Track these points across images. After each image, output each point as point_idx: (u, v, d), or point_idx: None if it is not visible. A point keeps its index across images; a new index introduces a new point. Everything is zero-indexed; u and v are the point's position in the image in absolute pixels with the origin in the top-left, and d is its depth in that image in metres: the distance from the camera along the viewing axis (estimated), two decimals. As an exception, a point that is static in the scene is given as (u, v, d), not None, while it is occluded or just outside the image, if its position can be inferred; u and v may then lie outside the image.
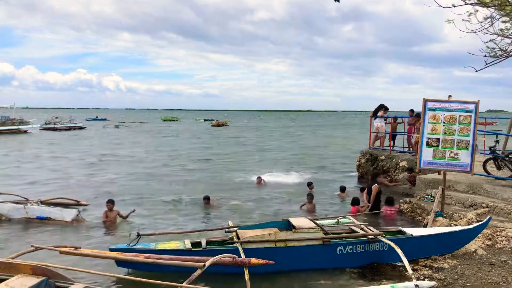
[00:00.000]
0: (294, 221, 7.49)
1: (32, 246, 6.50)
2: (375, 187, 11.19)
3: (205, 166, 21.64)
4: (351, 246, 7.15)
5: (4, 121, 49.16)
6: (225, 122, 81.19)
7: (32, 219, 10.43)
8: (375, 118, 16.35)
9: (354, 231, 7.64)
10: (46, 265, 5.30)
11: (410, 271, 5.94)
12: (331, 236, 7.22)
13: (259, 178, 16.08)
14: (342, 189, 14.11)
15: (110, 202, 10.80)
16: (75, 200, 12.04)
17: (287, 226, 7.54)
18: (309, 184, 14.52)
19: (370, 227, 7.65)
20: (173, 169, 20.58)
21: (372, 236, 7.20)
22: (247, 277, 5.53)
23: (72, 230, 9.95)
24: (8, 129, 47.02)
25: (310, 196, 12.13)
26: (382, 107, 16.30)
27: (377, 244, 7.20)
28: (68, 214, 10.55)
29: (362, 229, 7.63)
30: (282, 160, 24.79)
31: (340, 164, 22.53)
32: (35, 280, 4.97)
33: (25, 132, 48.89)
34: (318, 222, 8.21)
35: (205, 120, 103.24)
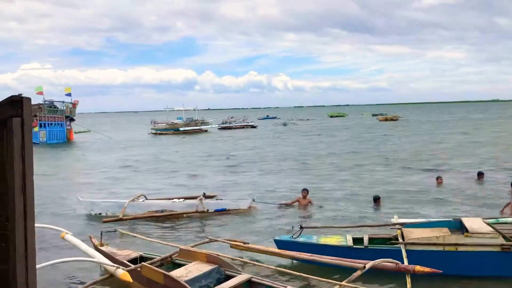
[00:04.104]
0: (467, 222, 6.81)
1: (207, 238, 7.30)
2: None
3: (381, 163, 20.87)
4: None
5: (189, 122, 56.23)
6: (394, 116, 77.41)
7: (209, 213, 11.13)
8: None
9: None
10: (218, 255, 5.91)
11: None
12: None
13: (439, 178, 14.91)
14: None
15: (305, 191, 11.92)
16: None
17: (459, 227, 6.94)
18: None
19: None
20: (343, 164, 20.47)
21: None
22: (409, 285, 5.25)
23: (243, 220, 10.71)
24: (193, 129, 53.47)
25: None
26: None
27: None
28: (244, 203, 11.52)
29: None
30: (464, 157, 22.12)
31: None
32: (208, 267, 5.62)
33: (206, 131, 54.80)
34: (499, 220, 7.37)
35: (373, 115, 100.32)
